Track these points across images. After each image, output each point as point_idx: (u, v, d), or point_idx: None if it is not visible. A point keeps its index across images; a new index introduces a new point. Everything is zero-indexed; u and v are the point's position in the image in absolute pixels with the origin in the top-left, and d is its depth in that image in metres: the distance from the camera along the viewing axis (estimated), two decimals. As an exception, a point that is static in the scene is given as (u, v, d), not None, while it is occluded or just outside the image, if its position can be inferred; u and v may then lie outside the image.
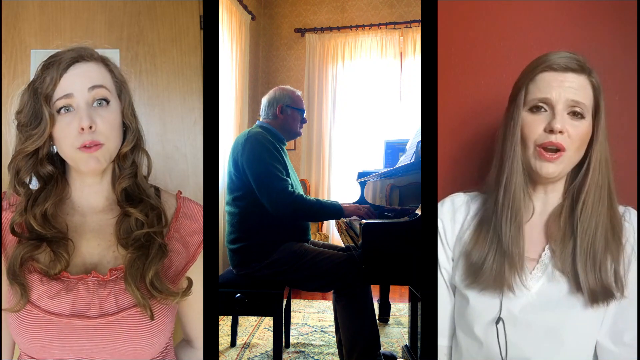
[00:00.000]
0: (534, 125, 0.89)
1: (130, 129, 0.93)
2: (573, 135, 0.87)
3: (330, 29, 4.55)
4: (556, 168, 0.88)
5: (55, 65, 0.87)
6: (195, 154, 1.83)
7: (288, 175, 1.96)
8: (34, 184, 0.92)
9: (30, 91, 0.88)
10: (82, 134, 0.85)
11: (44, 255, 0.86)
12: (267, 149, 1.91)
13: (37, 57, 1.79)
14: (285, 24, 4.73)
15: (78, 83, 0.87)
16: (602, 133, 0.90)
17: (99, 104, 0.88)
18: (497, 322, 0.89)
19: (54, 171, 0.91)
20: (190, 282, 0.92)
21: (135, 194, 0.93)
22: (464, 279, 0.94)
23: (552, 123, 0.87)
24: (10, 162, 0.89)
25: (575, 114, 0.88)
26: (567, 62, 0.89)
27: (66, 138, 0.86)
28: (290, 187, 1.89)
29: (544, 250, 0.92)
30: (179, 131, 1.85)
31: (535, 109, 0.90)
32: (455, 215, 0.99)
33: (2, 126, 1.73)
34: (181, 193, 1.02)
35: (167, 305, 0.90)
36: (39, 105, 0.86)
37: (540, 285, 0.90)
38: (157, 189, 0.99)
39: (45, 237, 0.86)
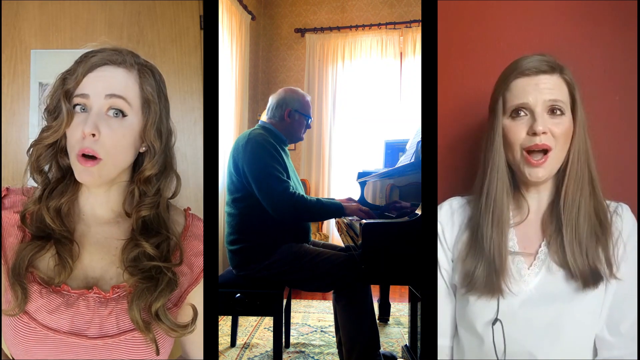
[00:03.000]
0: (517, 130, 0.92)
1: (150, 152, 0.87)
2: (556, 132, 0.91)
3: (330, 29, 4.55)
4: (545, 171, 0.91)
5: (84, 63, 0.83)
6: (195, 154, 1.83)
7: (289, 177, 1.95)
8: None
9: (61, 79, 0.84)
10: (84, 140, 0.81)
11: (47, 260, 0.83)
12: (268, 150, 1.90)
13: (37, 57, 1.79)
14: (285, 24, 4.72)
15: (98, 86, 0.82)
16: (580, 127, 0.93)
17: (115, 114, 0.83)
18: (493, 323, 0.92)
19: None
20: (195, 314, 0.88)
21: (153, 225, 0.87)
22: (460, 287, 0.97)
23: (534, 126, 0.90)
24: (30, 146, 0.85)
25: (555, 111, 0.91)
26: (538, 65, 0.93)
27: (71, 139, 0.83)
28: (291, 188, 1.89)
29: (540, 246, 0.95)
30: (179, 131, 1.82)
31: (514, 114, 0.93)
32: (453, 217, 1.02)
33: (2, 125, 1.73)
34: (190, 209, 0.98)
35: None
36: (61, 98, 0.83)
37: (539, 280, 0.93)
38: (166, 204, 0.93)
39: (53, 235, 0.82)
